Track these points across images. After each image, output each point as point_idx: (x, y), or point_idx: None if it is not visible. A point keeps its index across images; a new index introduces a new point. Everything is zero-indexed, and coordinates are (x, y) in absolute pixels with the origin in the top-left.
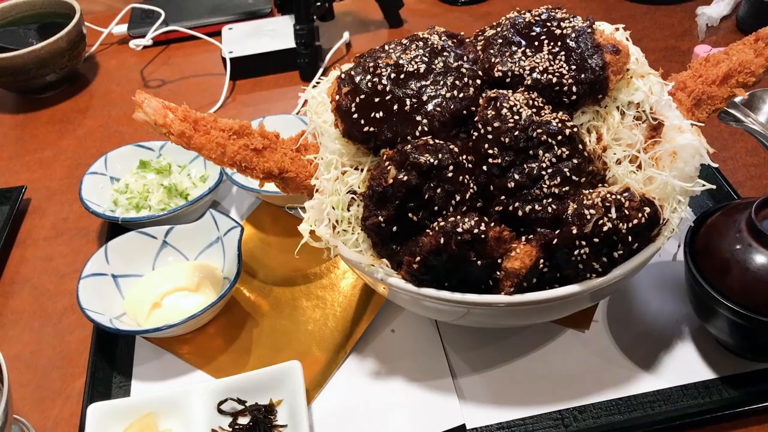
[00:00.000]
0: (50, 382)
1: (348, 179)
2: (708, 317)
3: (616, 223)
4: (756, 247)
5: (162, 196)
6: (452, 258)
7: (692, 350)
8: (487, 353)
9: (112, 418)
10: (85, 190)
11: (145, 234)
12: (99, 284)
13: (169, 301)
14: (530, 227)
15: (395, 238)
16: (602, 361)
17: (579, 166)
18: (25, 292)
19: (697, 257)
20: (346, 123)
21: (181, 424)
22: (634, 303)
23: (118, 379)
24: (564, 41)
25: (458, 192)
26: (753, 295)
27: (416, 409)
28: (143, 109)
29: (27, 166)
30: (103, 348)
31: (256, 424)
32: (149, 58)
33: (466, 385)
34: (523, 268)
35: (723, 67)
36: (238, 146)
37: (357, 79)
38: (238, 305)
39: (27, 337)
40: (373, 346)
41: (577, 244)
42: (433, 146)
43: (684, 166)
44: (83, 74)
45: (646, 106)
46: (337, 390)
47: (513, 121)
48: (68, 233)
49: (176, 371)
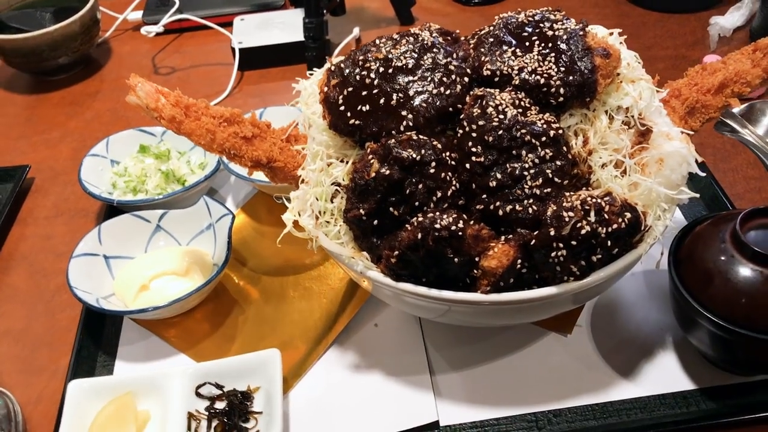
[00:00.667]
0: (37, 357)
1: (333, 171)
2: (689, 328)
3: (595, 226)
4: (739, 259)
5: (159, 180)
6: (429, 254)
7: (674, 360)
8: (468, 352)
9: (92, 395)
10: (84, 171)
11: (139, 217)
12: (90, 264)
13: (157, 284)
14: (510, 227)
15: (376, 232)
16: (582, 366)
17: (562, 168)
18: (22, 268)
19: (680, 266)
20: (332, 114)
21: (159, 406)
22: (619, 310)
23: (103, 359)
24: (555, 43)
25: (440, 188)
26: (734, 307)
27: (391, 403)
28: (136, 92)
29: (33, 146)
30: (90, 327)
31: (232, 409)
32: (161, 46)
33: (444, 383)
34: (500, 268)
35: (719, 76)
36: (228, 133)
37: (346, 72)
38: (226, 292)
39: (19, 313)
40: (355, 339)
41: (555, 246)
42: (416, 141)
43: (670, 173)
44: (96, 58)
45: (634, 111)
46: (315, 381)
47: (498, 120)
48: (68, 213)
49: (160, 354)
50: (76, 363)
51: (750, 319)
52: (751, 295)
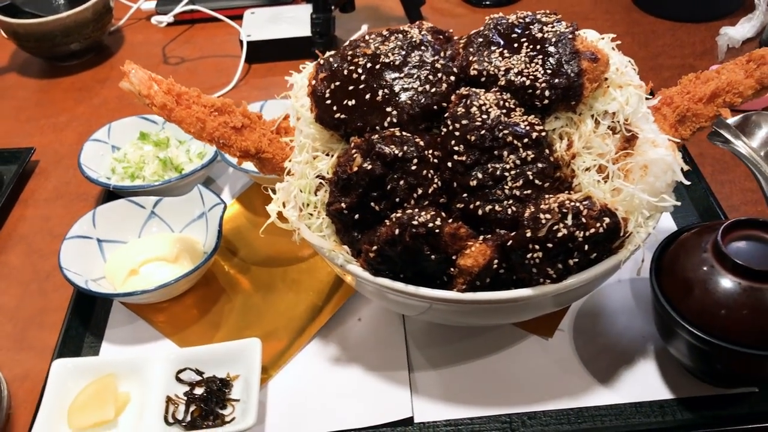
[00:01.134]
0: (27, 336)
1: (318, 164)
2: (668, 337)
3: (572, 230)
4: (719, 270)
5: (156, 167)
6: (407, 250)
7: (653, 369)
8: (448, 351)
9: (75, 374)
10: (85, 155)
11: (134, 203)
12: (83, 246)
13: (147, 269)
14: (489, 227)
15: (357, 226)
16: (560, 371)
17: (543, 171)
18: (19, 248)
19: (662, 275)
20: (319, 108)
21: (140, 388)
22: (602, 316)
23: (90, 340)
24: (543, 45)
25: (421, 186)
26: (713, 318)
27: (368, 398)
28: (129, 79)
29: (41, 129)
30: (79, 308)
31: (210, 396)
32: (173, 36)
33: (422, 380)
34: (476, 267)
35: (711, 85)
36: (218, 123)
37: (334, 66)
38: (215, 280)
39: (13, 291)
40: (338, 332)
41: (531, 248)
42: (399, 138)
43: (654, 180)
44: (108, 46)
45: (620, 116)
46: (296, 372)
47: (481, 119)
48: (68, 197)
49: (146, 338)
50: (63, 343)
51: (728, 331)
52: (730, 307)
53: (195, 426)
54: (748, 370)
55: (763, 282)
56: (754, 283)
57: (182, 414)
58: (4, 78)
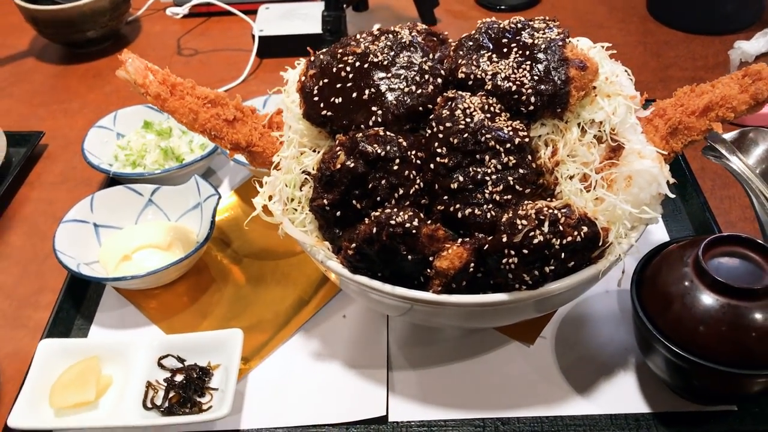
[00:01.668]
0: (21, 314)
1: (304, 159)
2: (646, 351)
3: (549, 237)
4: (698, 285)
5: (157, 156)
6: (384, 249)
7: (632, 382)
8: (429, 352)
9: (60, 355)
10: (89, 141)
11: (132, 190)
12: (78, 230)
13: (140, 255)
14: (468, 230)
15: (338, 223)
16: (539, 378)
17: (525, 177)
18: (21, 229)
19: (643, 287)
20: (306, 104)
21: (122, 372)
22: (586, 325)
23: (80, 322)
24: (532, 51)
25: (402, 186)
26: (690, 334)
27: (344, 395)
28: (126, 67)
29: (52, 114)
30: (72, 291)
31: (189, 383)
32: (188, 28)
33: (400, 380)
34: (452, 269)
35: (705, 98)
36: (210, 114)
37: (323, 63)
38: (207, 269)
39: (13, 270)
40: (322, 328)
41: (506, 253)
42: (382, 137)
43: (639, 192)
44: (125, 35)
45: (606, 126)
46: (277, 364)
47: (464, 123)
48: (73, 181)
49: (134, 323)
50: (54, 323)
51: (706, 348)
52: (708, 324)
53: (172, 412)
54: (725, 388)
55: (742, 300)
56: (733, 300)
57: (161, 400)
58: (22, 62)
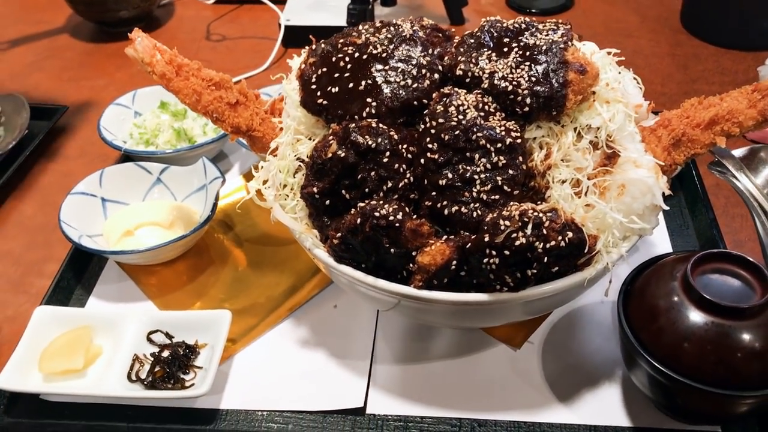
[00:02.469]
0: (25, 281)
1: (299, 147)
2: (629, 364)
3: (532, 240)
4: (685, 301)
5: (170, 137)
6: (367, 240)
7: (616, 394)
8: (415, 348)
9: (54, 322)
10: (105, 118)
11: (142, 167)
12: (86, 203)
13: (142, 232)
14: (455, 228)
15: (328, 212)
16: (522, 383)
17: (514, 178)
18: (35, 199)
19: (631, 300)
20: (304, 92)
21: (112, 344)
22: (576, 334)
23: (79, 292)
24: (533, 52)
25: (391, 179)
26: (673, 351)
27: (326, 383)
28: (135, 46)
29: (79, 89)
30: (74, 262)
31: (174, 359)
32: (220, 14)
33: (382, 373)
34: (433, 265)
35: (711, 111)
36: (213, 97)
37: (323, 52)
38: (207, 251)
39: (22, 238)
40: (312, 316)
41: (488, 253)
42: (375, 129)
43: (632, 201)
44: (157, 17)
45: (602, 132)
46: (264, 348)
47: (456, 120)
48: (90, 156)
49: (131, 298)
50: (53, 292)
51: (689, 366)
52: (693, 341)
53: (155, 386)
54: (708, 407)
55: (729, 318)
56: (719, 318)
57: (146, 373)
58: (56, 38)
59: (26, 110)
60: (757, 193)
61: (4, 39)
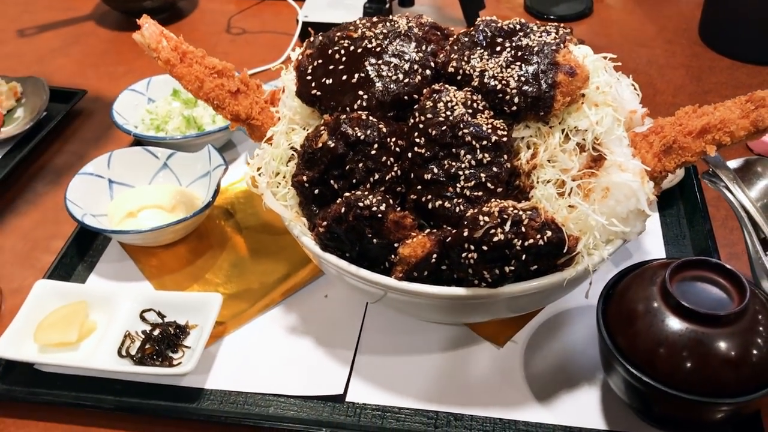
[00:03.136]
0: (32, 255)
1: (293, 136)
2: (606, 368)
3: (510, 237)
4: (662, 307)
5: (179, 123)
6: (351, 229)
7: (595, 397)
8: (399, 341)
9: (52, 296)
10: (119, 103)
11: (150, 152)
12: (93, 183)
13: (145, 214)
14: (438, 222)
15: (316, 201)
16: (502, 381)
17: (497, 176)
18: (49, 177)
19: (611, 303)
20: (300, 82)
21: (106, 320)
22: (560, 336)
23: (81, 269)
24: (524, 53)
25: (379, 171)
26: (648, 356)
27: (308, 369)
28: (142, 31)
29: (99, 75)
30: (79, 240)
31: (164, 338)
32: (242, 7)
33: (365, 363)
34: (413, 257)
35: (703, 119)
36: (215, 84)
37: (320, 45)
38: (208, 235)
39: (34, 215)
40: (303, 304)
41: (466, 248)
42: (364, 122)
43: (615, 205)
44: (181, 9)
45: (589, 135)
46: (252, 332)
47: (444, 116)
48: (105, 139)
49: (129, 277)
50: (56, 267)
51: (663, 372)
52: (668, 347)
53: (143, 362)
54: (683, 414)
55: (705, 325)
56: (695, 325)
57: (136, 350)
58: (82, 25)
59: (46, 92)
60: (749, 206)
61: (34, 24)
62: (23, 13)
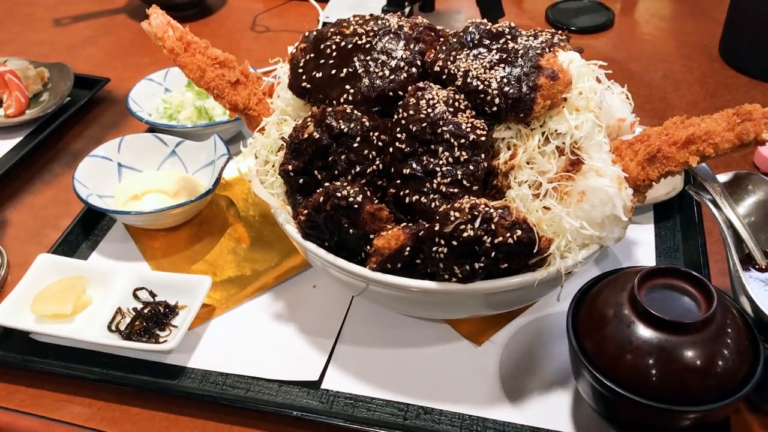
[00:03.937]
0: (41, 232)
1: (283, 126)
2: (575, 373)
3: (480, 234)
4: (630, 314)
5: (191, 113)
6: (329, 219)
7: (566, 402)
8: (380, 334)
9: (52, 270)
10: (136, 91)
11: (159, 139)
12: (102, 166)
13: (149, 197)
14: (415, 216)
15: (301, 190)
16: (476, 379)
17: (474, 174)
18: (65, 160)
19: (582, 307)
20: (292, 75)
21: (101, 296)
22: (538, 339)
23: (85, 246)
24: (509, 55)
25: (360, 164)
26: (614, 362)
27: (287, 356)
28: (150, 20)
29: (125, 65)
30: (86, 220)
31: (153, 316)
32: (269, 6)
33: (344, 353)
34: (387, 249)
35: (689, 130)
36: (216, 74)
37: (314, 39)
38: (209, 222)
39: (47, 194)
40: (291, 293)
41: (437, 242)
42: (348, 115)
43: (590, 209)
44: (210, 6)
45: (567, 138)
46: (239, 316)
47: (425, 113)
48: (123, 125)
49: (129, 257)
50: (60, 244)
51: (628, 378)
52: (634, 354)
53: (130, 338)
54: (648, 420)
55: (672, 333)
56: (662, 333)
57: (125, 325)
58: (114, 17)
59: (71, 79)
60: (735, 220)
61: (69, 14)
62: (61, 3)
